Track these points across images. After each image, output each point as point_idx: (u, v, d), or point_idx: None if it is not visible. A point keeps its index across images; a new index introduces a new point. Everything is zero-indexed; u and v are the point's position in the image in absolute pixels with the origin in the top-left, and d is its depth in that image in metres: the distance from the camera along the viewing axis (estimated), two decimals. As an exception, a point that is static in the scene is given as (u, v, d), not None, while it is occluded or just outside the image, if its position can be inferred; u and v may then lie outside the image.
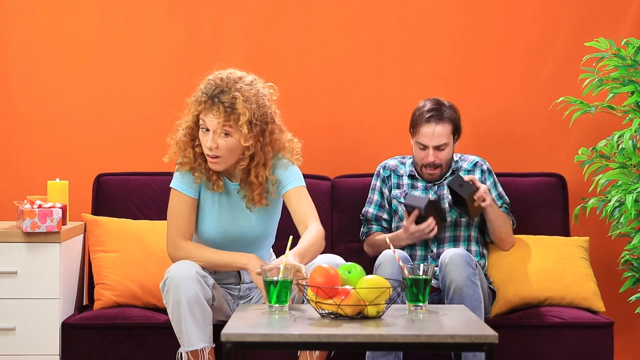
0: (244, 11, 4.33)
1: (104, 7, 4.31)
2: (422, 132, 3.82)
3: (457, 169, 3.93)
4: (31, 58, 4.30)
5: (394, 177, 3.96)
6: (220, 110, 3.27)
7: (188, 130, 3.39)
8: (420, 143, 3.84)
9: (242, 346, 2.68)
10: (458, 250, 3.54)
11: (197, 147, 3.38)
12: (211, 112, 3.29)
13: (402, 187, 3.94)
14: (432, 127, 3.80)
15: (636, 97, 3.59)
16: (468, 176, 3.75)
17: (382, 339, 2.68)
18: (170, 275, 3.24)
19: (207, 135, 3.32)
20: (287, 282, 2.95)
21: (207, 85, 3.33)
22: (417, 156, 3.88)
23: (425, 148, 3.84)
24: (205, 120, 3.31)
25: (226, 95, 3.28)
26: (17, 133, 4.30)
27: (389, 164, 3.99)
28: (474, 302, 3.44)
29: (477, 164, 3.95)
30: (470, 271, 3.47)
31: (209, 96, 3.29)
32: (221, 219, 3.44)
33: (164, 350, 3.57)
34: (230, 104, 3.27)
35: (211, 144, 3.30)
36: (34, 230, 3.58)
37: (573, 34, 4.32)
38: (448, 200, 3.84)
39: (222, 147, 3.31)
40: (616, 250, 4.01)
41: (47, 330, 3.61)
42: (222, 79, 3.32)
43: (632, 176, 3.61)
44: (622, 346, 4.19)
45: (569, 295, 3.76)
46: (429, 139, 3.82)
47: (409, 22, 4.35)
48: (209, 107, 3.29)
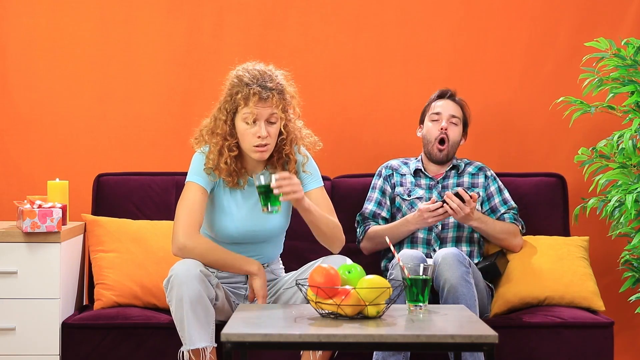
0: (244, 11, 4.33)
1: (104, 7, 4.31)
2: (437, 103, 3.96)
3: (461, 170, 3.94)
4: (31, 58, 4.30)
5: (397, 175, 3.97)
6: (274, 98, 3.33)
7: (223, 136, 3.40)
8: (435, 113, 3.93)
9: (242, 346, 2.68)
10: (450, 249, 3.54)
11: (233, 151, 3.40)
12: (263, 102, 3.33)
13: (405, 184, 3.94)
14: (447, 102, 3.96)
15: (636, 97, 3.59)
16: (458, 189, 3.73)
17: (382, 339, 2.68)
18: (174, 273, 3.24)
19: (254, 126, 3.34)
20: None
21: (252, 77, 3.35)
22: (430, 132, 3.93)
23: (438, 119, 3.92)
24: (254, 111, 3.33)
25: (273, 82, 3.35)
26: (17, 133, 4.30)
27: (391, 163, 4.01)
28: (469, 301, 3.44)
29: (481, 168, 3.97)
30: (463, 270, 3.47)
31: (260, 86, 3.33)
32: (241, 215, 3.44)
33: (164, 350, 3.57)
34: (280, 90, 3.35)
35: (264, 133, 3.33)
36: (34, 230, 3.58)
37: (573, 34, 4.32)
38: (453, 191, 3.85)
39: (272, 135, 3.36)
40: (616, 250, 4.01)
41: (47, 330, 3.61)
42: (259, 70, 3.37)
43: (632, 176, 3.61)
44: (622, 346, 4.19)
45: (568, 295, 3.76)
46: (444, 108, 3.94)
47: (409, 22, 4.35)
48: (263, 97, 3.33)
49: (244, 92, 3.34)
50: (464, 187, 3.87)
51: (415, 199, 3.91)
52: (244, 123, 3.36)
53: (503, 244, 3.87)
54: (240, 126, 3.37)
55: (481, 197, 3.92)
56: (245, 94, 3.34)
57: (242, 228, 3.45)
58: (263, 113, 3.34)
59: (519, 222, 3.91)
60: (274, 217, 3.45)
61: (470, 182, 3.94)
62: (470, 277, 3.49)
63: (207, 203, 3.44)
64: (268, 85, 3.34)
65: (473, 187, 3.93)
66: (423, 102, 4.22)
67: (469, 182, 3.94)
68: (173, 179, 4.07)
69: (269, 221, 3.46)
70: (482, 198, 3.93)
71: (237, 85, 3.36)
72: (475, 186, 3.93)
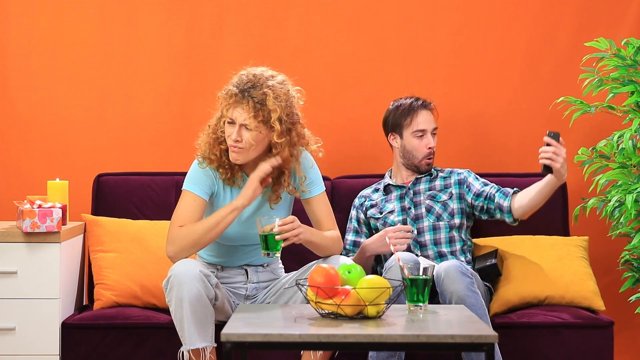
0: (244, 11, 4.33)
1: (104, 7, 4.31)
2: (420, 119, 3.91)
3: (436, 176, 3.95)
4: (31, 58, 4.30)
5: (368, 200, 3.98)
6: (250, 105, 3.32)
7: (214, 128, 3.44)
8: (419, 130, 3.89)
9: (242, 346, 2.68)
10: (451, 262, 3.52)
11: (223, 144, 3.42)
12: (240, 106, 3.34)
13: (377, 205, 3.94)
14: (426, 113, 3.92)
15: (636, 97, 3.59)
16: None
17: (382, 339, 2.68)
18: (173, 273, 3.24)
19: (232, 127, 3.36)
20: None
21: (239, 79, 3.38)
22: (417, 148, 3.91)
23: (423, 135, 3.89)
24: (233, 113, 3.35)
25: (257, 90, 3.34)
26: (17, 133, 4.30)
27: (363, 193, 4.02)
28: (479, 311, 3.42)
29: (452, 171, 3.98)
30: (467, 281, 3.46)
31: (239, 90, 3.34)
32: (240, 218, 3.44)
33: (164, 350, 3.58)
34: (260, 100, 3.33)
35: (236, 137, 3.34)
36: (34, 230, 3.58)
37: (573, 34, 4.32)
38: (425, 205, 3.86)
39: (245, 140, 3.35)
40: (616, 250, 4.01)
41: (47, 330, 3.61)
42: (255, 75, 3.38)
43: (632, 176, 3.61)
44: (622, 346, 4.19)
45: (568, 294, 3.76)
46: (427, 123, 3.91)
47: (409, 22, 4.35)
48: (239, 100, 3.34)
49: (227, 92, 3.38)
50: (436, 190, 3.90)
51: (387, 213, 3.90)
52: (227, 122, 3.39)
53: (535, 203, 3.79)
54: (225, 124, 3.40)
55: (454, 194, 3.91)
56: (227, 93, 3.37)
57: (241, 230, 3.46)
58: (237, 117, 3.35)
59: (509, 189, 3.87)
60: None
61: (443, 184, 3.94)
62: (475, 287, 3.48)
63: (207, 206, 3.45)
64: (249, 92, 3.33)
65: (445, 188, 3.92)
66: (423, 102, 4.22)
67: (442, 184, 3.94)
68: (173, 179, 4.07)
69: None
70: (456, 194, 3.91)
71: (229, 85, 3.39)
72: (447, 187, 3.93)
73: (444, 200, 3.89)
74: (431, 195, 3.91)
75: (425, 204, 3.89)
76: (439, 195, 3.91)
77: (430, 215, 3.87)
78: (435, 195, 3.91)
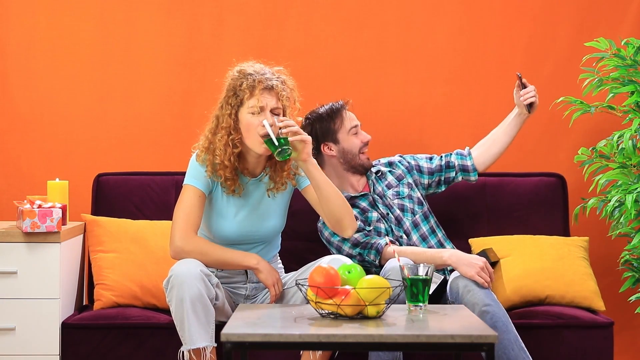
0: (244, 11, 4.33)
1: (104, 7, 4.31)
2: (350, 116, 3.87)
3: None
4: (31, 58, 4.30)
5: None
6: (278, 87, 3.36)
7: (228, 131, 3.40)
8: (353, 126, 3.86)
9: (242, 346, 2.68)
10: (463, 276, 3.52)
11: (237, 147, 3.40)
12: (268, 90, 3.36)
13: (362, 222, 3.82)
14: (348, 112, 3.88)
15: (636, 97, 3.59)
16: None
17: (382, 339, 2.68)
18: (174, 273, 3.24)
19: (261, 115, 3.35)
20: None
21: (253, 70, 3.39)
22: (354, 144, 3.85)
23: (357, 131, 3.87)
24: (260, 99, 3.34)
25: (275, 75, 3.40)
26: (17, 133, 4.30)
27: None
28: (503, 318, 3.37)
29: (390, 162, 3.95)
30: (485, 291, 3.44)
31: (264, 76, 3.36)
32: (238, 218, 3.45)
33: (164, 350, 3.57)
34: (282, 80, 3.39)
35: (270, 120, 3.33)
36: (33, 230, 3.58)
37: (573, 34, 4.32)
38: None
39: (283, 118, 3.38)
40: (616, 250, 4.01)
41: (47, 330, 3.61)
42: (260, 66, 3.42)
43: (632, 176, 3.61)
44: (622, 346, 4.19)
45: (569, 294, 3.76)
46: (355, 119, 3.88)
47: (409, 22, 4.35)
48: (267, 85, 3.36)
49: (249, 82, 3.37)
50: (394, 186, 3.87)
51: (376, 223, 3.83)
52: (250, 114, 3.36)
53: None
54: (246, 119, 3.37)
55: (411, 183, 3.88)
56: (250, 83, 3.36)
57: (239, 230, 3.46)
58: (269, 102, 3.35)
59: (462, 150, 3.91)
60: (270, 219, 3.47)
61: (395, 177, 3.90)
62: (493, 295, 3.45)
63: (205, 205, 3.45)
64: (271, 76, 3.38)
65: (399, 180, 3.88)
66: (423, 102, 4.23)
67: (394, 178, 3.90)
68: (173, 179, 4.07)
69: (265, 223, 3.47)
70: (412, 182, 3.89)
71: (240, 78, 3.39)
72: (401, 178, 3.89)
73: (408, 194, 3.86)
74: (395, 193, 3.87)
75: (395, 204, 3.87)
76: (401, 191, 3.86)
77: (406, 214, 3.84)
78: (398, 192, 3.87)
